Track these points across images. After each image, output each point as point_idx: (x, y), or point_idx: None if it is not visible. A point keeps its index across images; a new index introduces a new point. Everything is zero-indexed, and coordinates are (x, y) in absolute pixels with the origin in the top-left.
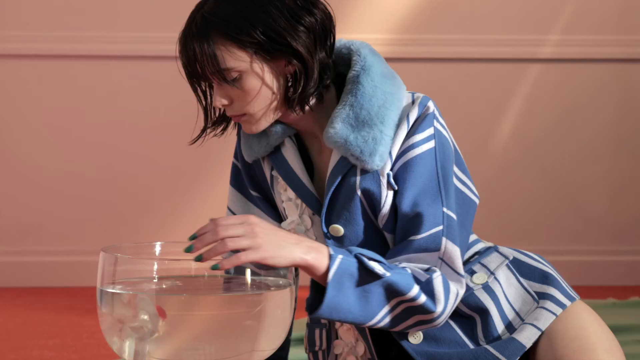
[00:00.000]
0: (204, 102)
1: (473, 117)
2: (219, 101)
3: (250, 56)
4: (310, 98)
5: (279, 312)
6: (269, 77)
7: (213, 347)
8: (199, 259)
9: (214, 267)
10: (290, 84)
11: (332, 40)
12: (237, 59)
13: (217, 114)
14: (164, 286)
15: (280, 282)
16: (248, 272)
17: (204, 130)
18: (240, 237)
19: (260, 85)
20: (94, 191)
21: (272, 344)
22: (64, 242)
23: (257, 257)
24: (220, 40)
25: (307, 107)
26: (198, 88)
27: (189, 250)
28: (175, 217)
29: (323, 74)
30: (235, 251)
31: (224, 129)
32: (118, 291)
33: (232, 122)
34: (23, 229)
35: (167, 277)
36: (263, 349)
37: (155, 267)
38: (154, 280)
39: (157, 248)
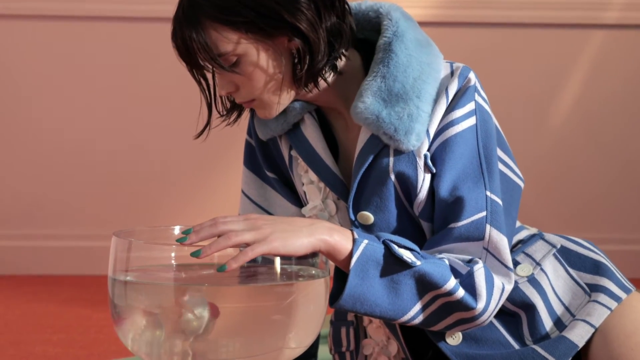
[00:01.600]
0: (206, 92)
1: (528, 90)
2: (223, 89)
3: (246, 37)
4: (323, 72)
5: (312, 306)
6: (270, 57)
7: (237, 343)
8: (197, 254)
9: (221, 269)
10: (297, 60)
11: (342, 2)
12: (231, 42)
13: (227, 103)
14: (182, 275)
15: (313, 272)
16: (277, 260)
17: (207, 124)
18: (243, 231)
19: (261, 67)
20: (105, 168)
21: (303, 341)
22: (71, 225)
23: (266, 249)
24: (210, 24)
25: (323, 83)
26: (201, 79)
27: (181, 241)
28: (194, 198)
29: (334, 43)
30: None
31: (238, 117)
32: (132, 280)
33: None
34: (25, 210)
35: (186, 264)
36: (294, 346)
37: (173, 253)
38: (172, 268)
39: (175, 232)
